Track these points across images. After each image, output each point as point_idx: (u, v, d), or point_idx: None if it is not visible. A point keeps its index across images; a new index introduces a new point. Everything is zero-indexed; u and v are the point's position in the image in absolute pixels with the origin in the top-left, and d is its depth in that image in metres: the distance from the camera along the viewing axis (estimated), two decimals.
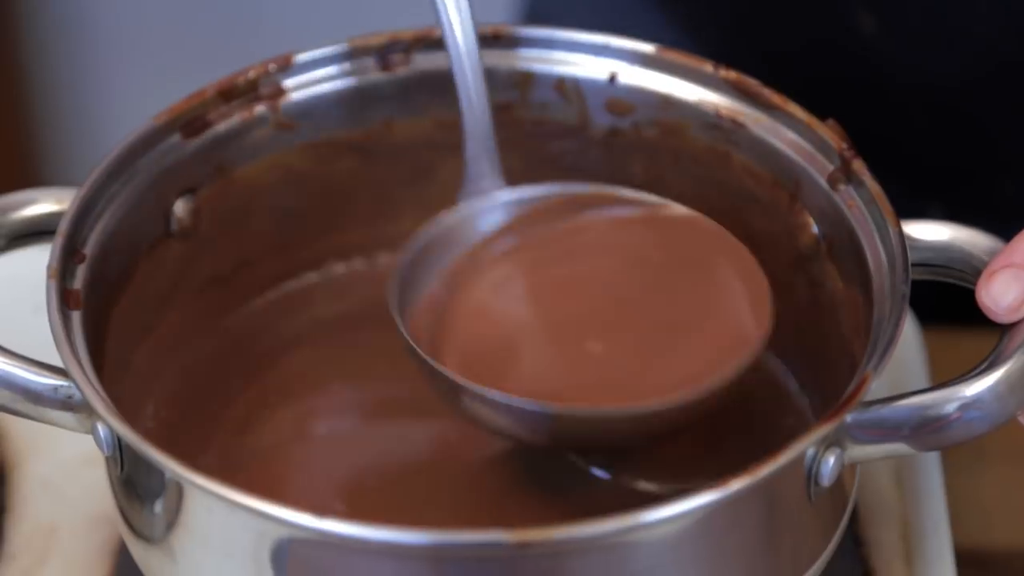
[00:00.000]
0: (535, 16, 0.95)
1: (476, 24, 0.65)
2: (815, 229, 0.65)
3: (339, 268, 0.72)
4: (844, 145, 0.64)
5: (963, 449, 0.73)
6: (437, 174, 0.71)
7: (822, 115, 0.65)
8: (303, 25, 1.38)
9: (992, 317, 0.58)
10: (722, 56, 0.68)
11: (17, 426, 0.71)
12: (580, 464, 0.65)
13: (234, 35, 1.45)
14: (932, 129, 0.81)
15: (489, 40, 0.68)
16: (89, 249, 0.61)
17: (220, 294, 0.69)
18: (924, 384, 0.73)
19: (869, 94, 0.80)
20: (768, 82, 0.66)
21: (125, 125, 0.65)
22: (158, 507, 0.57)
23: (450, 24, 0.64)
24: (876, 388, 0.57)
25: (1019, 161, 0.82)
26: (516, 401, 0.59)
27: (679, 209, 0.66)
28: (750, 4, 0.83)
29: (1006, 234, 0.61)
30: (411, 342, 0.61)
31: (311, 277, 0.71)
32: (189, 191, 0.66)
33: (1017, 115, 0.80)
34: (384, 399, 0.68)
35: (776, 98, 0.66)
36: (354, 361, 0.69)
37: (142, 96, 1.15)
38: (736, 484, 0.53)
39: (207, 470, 0.55)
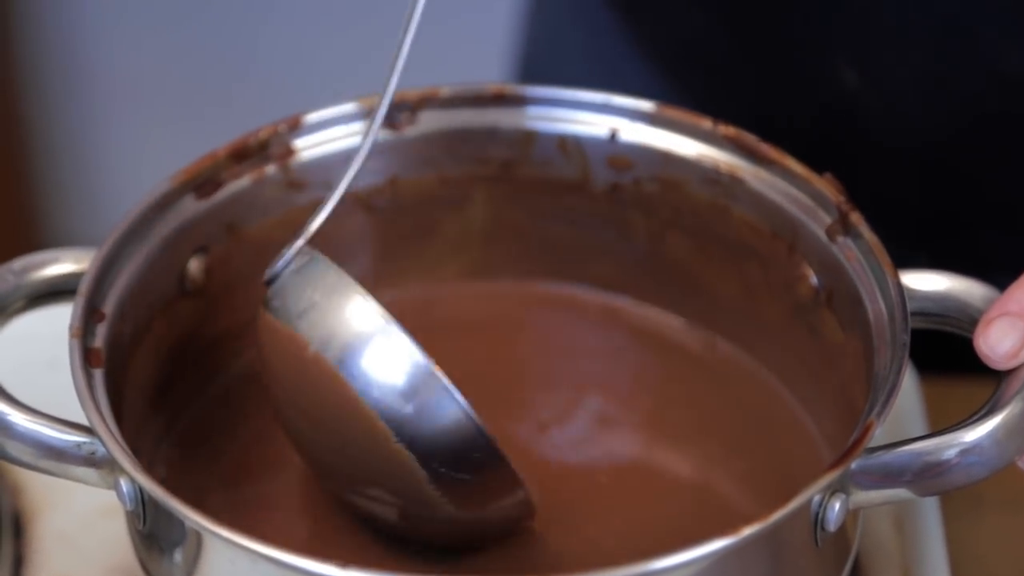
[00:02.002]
0: (529, 72, 0.96)
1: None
2: (814, 280, 0.66)
3: None
4: (841, 198, 0.65)
5: (962, 496, 0.73)
6: (440, 229, 0.72)
7: (807, 168, 0.67)
8: (310, 86, 1.40)
9: (990, 364, 0.60)
10: (709, 108, 0.70)
11: (33, 479, 0.71)
12: None
13: (240, 97, 1.46)
14: (917, 181, 0.82)
15: (493, 99, 0.70)
16: (108, 308, 0.62)
17: (230, 347, 0.70)
18: (922, 431, 0.73)
19: (853, 147, 0.81)
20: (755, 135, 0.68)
21: (128, 188, 0.67)
22: (179, 558, 0.58)
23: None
24: (877, 435, 0.58)
25: (1004, 212, 0.83)
26: None
27: None
28: (736, 60, 0.84)
29: (992, 284, 0.63)
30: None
31: None
32: (202, 250, 0.67)
33: (1000, 166, 0.81)
34: None
35: (774, 153, 0.67)
36: None
37: (145, 160, 1.16)
38: (747, 530, 0.54)
39: (219, 513, 0.56)
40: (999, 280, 0.63)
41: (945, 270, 0.64)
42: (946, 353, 0.73)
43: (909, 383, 0.76)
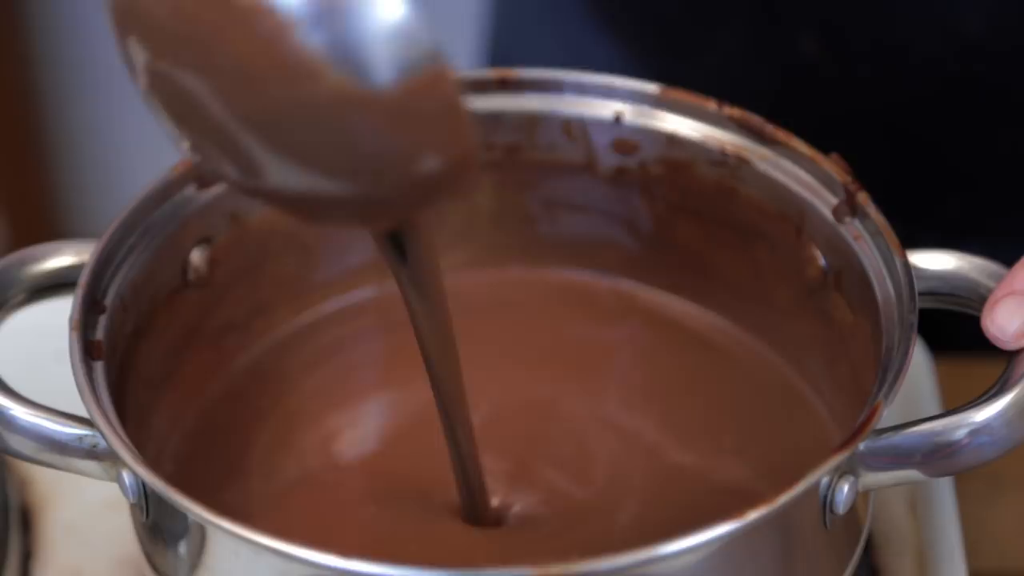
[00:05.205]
0: (498, 57, 0.96)
1: None
2: (822, 262, 0.66)
3: (349, 298, 0.72)
4: (848, 178, 0.65)
5: (977, 476, 0.73)
6: (447, 216, 0.72)
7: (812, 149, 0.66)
8: None
9: (998, 345, 0.59)
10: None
11: (41, 472, 0.71)
12: None
13: None
14: (881, 149, 0.82)
15: (496, 85, 0.69)
16: (109, 300, 0.62)
17: (236, 339, 0.70)
18: (936, 411, 0.73)
19: (816, 117, 0.81)
20: None
21: (145, 177, 0.66)
22: (183, 550, 0.58)
23: None
24: (888, 416, 0.57)
25: (968, 177, 0.82)
26: None
27: None
28: (698, 33, 0.84)
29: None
30: None
31: (320, 309, 0.72)
32: (205, 240, 0.67)
33: (962, 131, 0.80)
34: (403, 412, 0.69)
35: (780, 134, 0.67)
36: (368, 377, 0.70)
37: (161, 147, 1.15)
38: (753, 514, 0.54)
39: (230, 505, 0.55)
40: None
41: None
42: (962, 333, 0.72)
43: (922, 363, 0.75)
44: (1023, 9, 0.76)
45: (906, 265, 0.61)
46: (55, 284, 0.63)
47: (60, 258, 0.63)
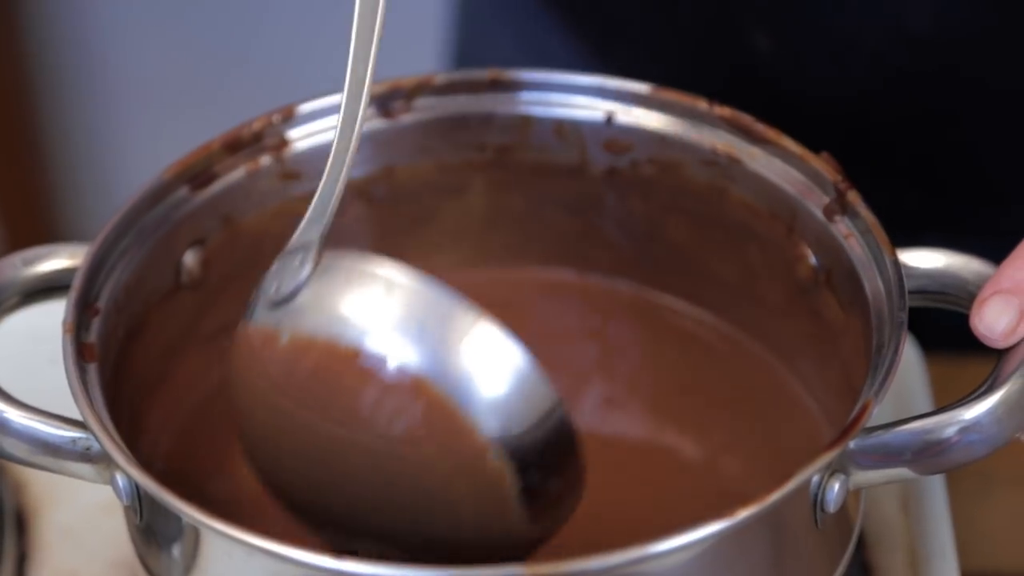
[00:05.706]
0: (463, 58, 0.96)
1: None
2: (813, 260, 0.66)
3: None
4: (839, 177, 0.65)
5: (969, 475, 0.73)
6: (439, 217, 0.72)
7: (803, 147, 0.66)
8: (306, 75, 1.40)
9: (987, 343, 0.59)
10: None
11: (36, 475, 0.72)
12: None
13: (241, 87, 1.47)
14: (834, 144, 0.82)
15: (488, 85, 0.69)
16: (103, 303, 0.62)
17: (229, 340, 0.69)
18: (926, 409, 0.73)
19: (769, 112, 0.81)
20: None
21: (140, 179, 0.67)
22: (176, 552, 0.58)
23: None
24: (879, 414, 0.58)
25: (922, 171, 0.82)
26: None
27: None
28: (652, 30, 0.84)
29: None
30: None
31: None
32: (198, 242, 0.67)
33: (913, 126, 0.80)
34: None
35: (770, 133, 0.67)
36: None
37: (155, 150, 1.16)
38: (743, 512, 0.54)
39: (217, 503, 0.55)
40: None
41: None
42: (952, 331, 0.72)
43: (912, 361, 0.75)
44: (969, 3, 0.76)
45: (896, 263, 0.61)
46: (49, 287, 0.63)
47: (54, 261, 0.64)
